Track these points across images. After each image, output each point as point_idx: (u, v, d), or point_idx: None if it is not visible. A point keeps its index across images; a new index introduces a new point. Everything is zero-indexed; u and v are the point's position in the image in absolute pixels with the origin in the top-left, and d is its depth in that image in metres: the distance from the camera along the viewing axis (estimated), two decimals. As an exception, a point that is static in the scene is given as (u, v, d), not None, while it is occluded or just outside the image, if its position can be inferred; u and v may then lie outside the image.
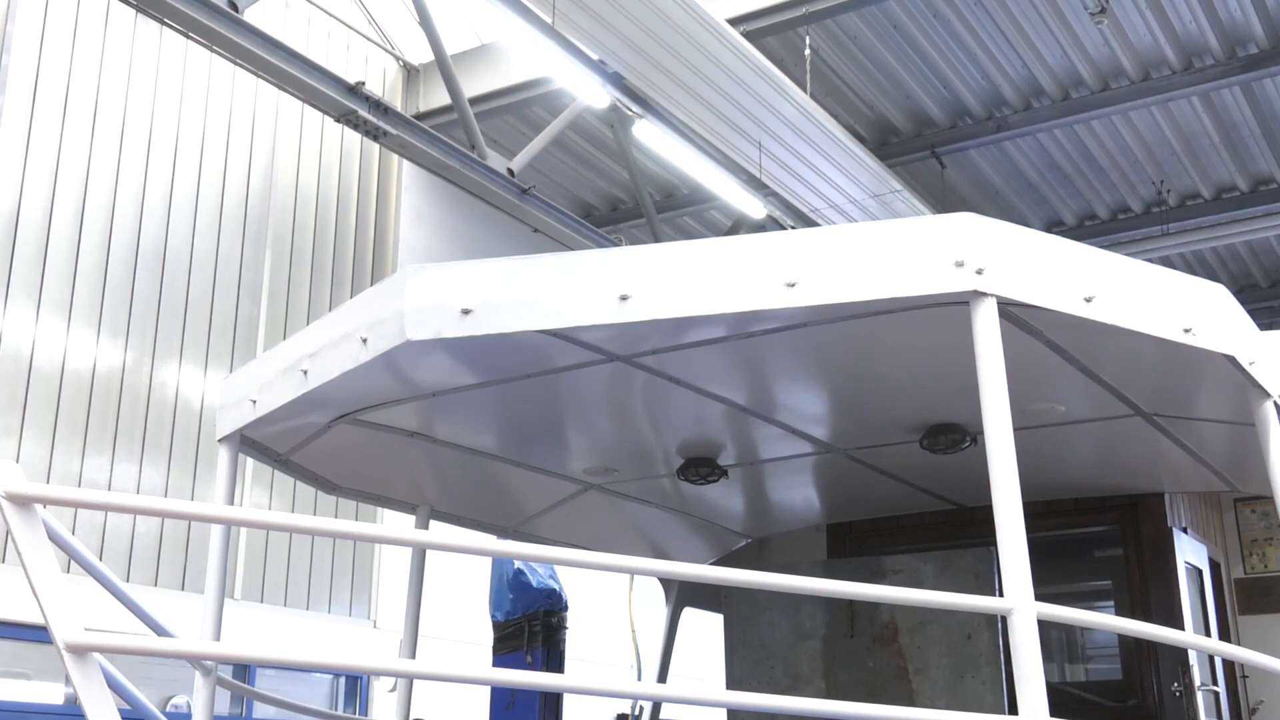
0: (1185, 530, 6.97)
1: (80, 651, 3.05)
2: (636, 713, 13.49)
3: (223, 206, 11.96)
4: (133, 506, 3.88)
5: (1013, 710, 3.44)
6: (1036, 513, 3.88)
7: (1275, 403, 4.42)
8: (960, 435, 5.70)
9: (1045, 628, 3.36)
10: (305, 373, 4.62)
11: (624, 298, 3.90)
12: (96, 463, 10.41)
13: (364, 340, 4.27)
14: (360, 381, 4.61)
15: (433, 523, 6.72)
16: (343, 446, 5.68)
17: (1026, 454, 3.76)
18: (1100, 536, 7.37)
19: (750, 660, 7.54)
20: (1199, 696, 6.54)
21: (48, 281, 10.37)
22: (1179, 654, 6.57)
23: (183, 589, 10.48)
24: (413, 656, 6.41)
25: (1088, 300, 3.82)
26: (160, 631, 4.38)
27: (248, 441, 5.36)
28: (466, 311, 4.01)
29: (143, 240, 11.16)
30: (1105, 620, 4.07)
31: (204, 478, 11.05)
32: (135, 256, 11.07)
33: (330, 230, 12.95)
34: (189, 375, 11.33)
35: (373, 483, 6.45)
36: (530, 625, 9.57)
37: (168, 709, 9.42)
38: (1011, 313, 4.03)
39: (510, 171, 12.13)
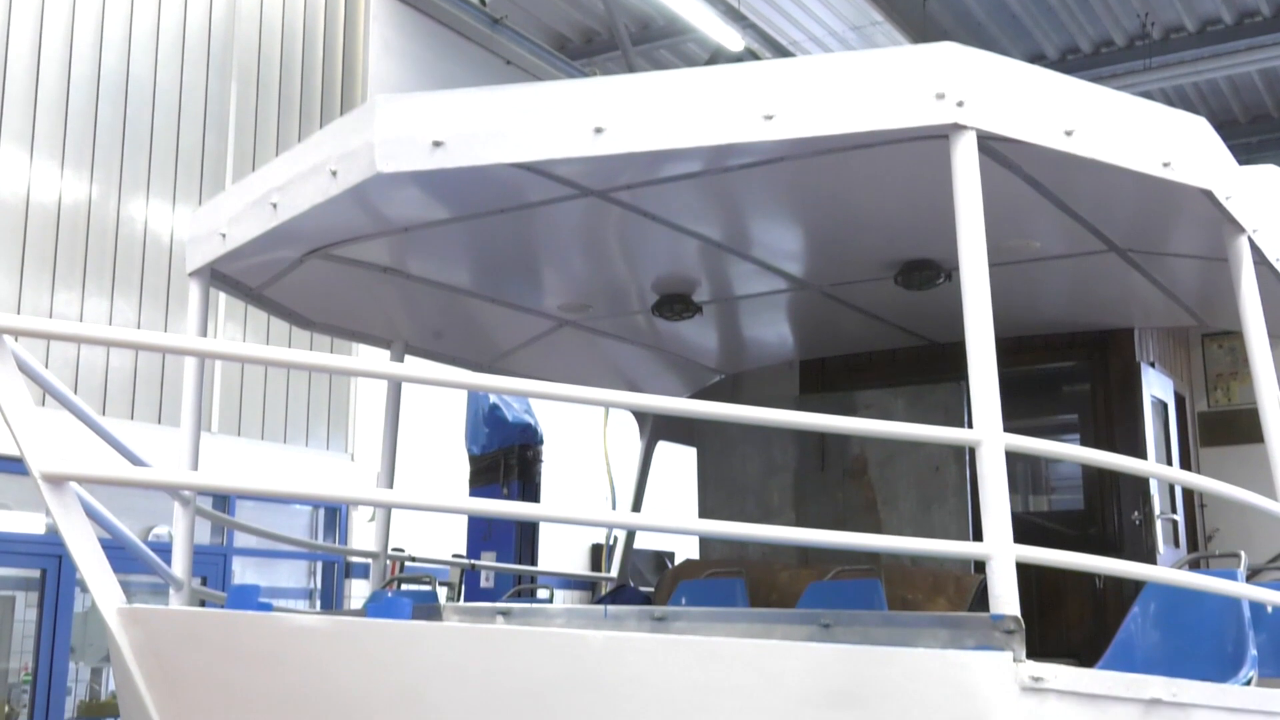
0: (1153, 365, 7.07)
1: (57, 481, 3.07)
2: (611, 544, 13.81)
3: (185, 35, 11.62)
4: (105, 339, 3.85)
5: (977, 539, 3.53)
6: (1007, 349, 3.91)
7: (1249, 238, 4.44)
8: (935, 271, 5.71)
9: (1011, 461, 3.42)
10: (274, 206, 4.56)
11: (598, 130, 3.84)
12: (66, 298, 10.33)
13: (333, 173, 4.20)
14: (331, 215, 4.56)
15: (407, 358, 6.74)
16: (315, 282, 5.64)
17: (1000, 290, 3.77)
18: (1069, 372, 7.47)
19: (722, 494, 7.69)
20: (1158, 525, 6.73)
21: (7, 112, 10.13)
22: (1140, 485, 6.74)
23: (159, 422, 10.53)
24: (390, 488, 6.51)
25: (1068, 134, 3.78)
26: (136, 462, 4.42)
27: (218, 276, 5.32)
28: (438, 144, 3.94)
29: (104, 71, 10.86)
30: (1071, 451, 4.14)
31: (176, 313, 11.00)
32: (96, 87, 10.79)
33: (297, 61, 12.63)
34: (157, 210, 11.17)
35: (347, 318, 6.44)
36: (506, 459, 9.71)
37: (149, 540, 9.57)
38: (991, 147, 3.99)
39: (482, 0, 11.79)
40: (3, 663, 9.39)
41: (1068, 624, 6.78)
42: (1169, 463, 6.97)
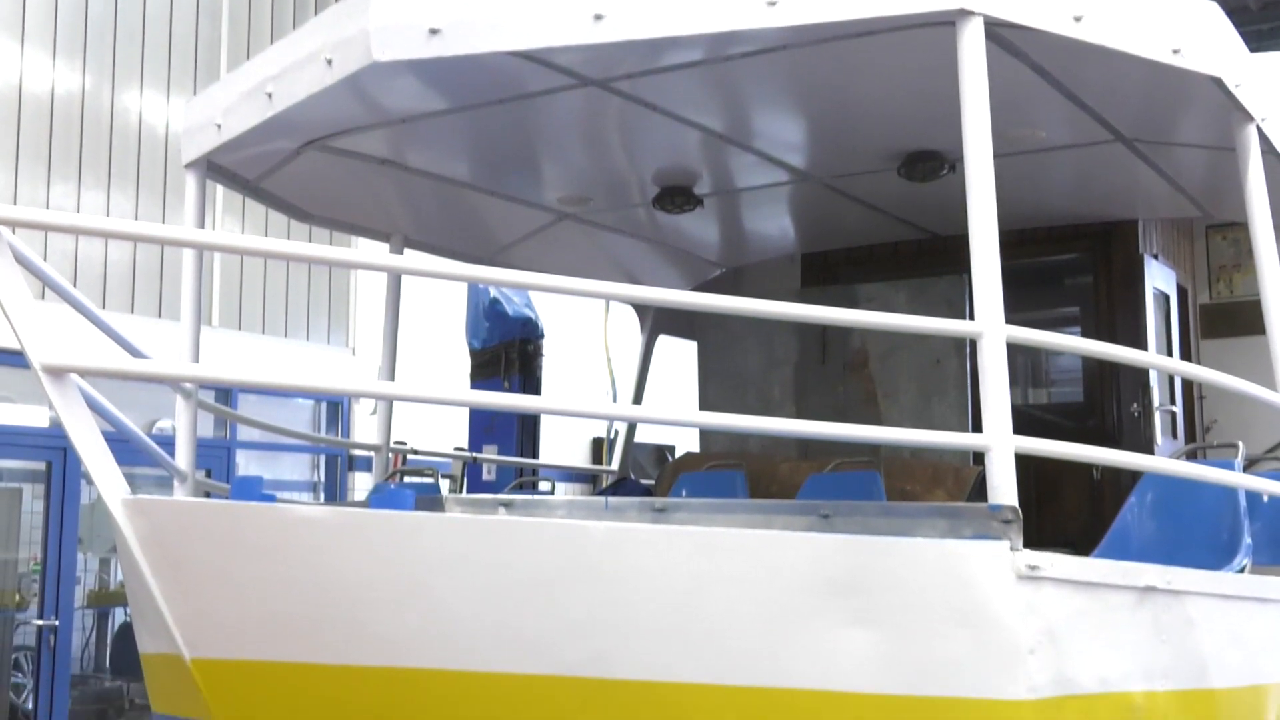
0: (1156, 256, 7.04)
1: (57, 373, 3.07)
2: (612, 437, 13.90)
3: (176, -79, 11.36)
4: (103, 230, 3.84)
5: (976, 432, 3.54)
6: (1010, 241, 3.88)
7: (1258, 127, 4.38)
8: (939, 163, 5.65)
9: (1011, 355, 3.42)
10: (270, 96, 4.49)
11: (598, 17, 3.76)
12: (63, 190, 10.25)
13: (329, 61, 4.13)
14: (327, 105, 4.50)
15: (407, 251, 6.70)
16: (313, 174, 5.59)
17: (1004, 181, 3.74)
18: (1072, 264, 7.45)
19: (723, 388, 7.72)
20: (1157, 417, 6.76)
21: (-4, 1, 9.95)
22: (1140, 377, 6.76)
23: (159, 316, 10.51)
24: (391, 380, 6.52)
25: (1077, 20, 3.71)
26: (136, 354, 4.42)
27: (215, 168, 5.26)
28: (434, 31, 3.86)
29: (93, -43, 10.64)
30: (1072, 342, 4.14)
31: (174, 206, 10.91)
32: (86, -25, 10.58)
33: (290, -53, 12.38)
34: (151, 100, 11.02)
35: (345, 211, 6.39)
36: (507, 353, 9.71)
37: (152, 433, 9.62)
38: (998, 34, 3.91)
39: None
40: (12, 553, 9.52)
41: (1065, 515, 6.85)
42: (1169, 354, 6.98)
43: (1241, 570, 4.24)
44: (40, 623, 8.31)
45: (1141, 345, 6.63)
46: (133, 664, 4.27)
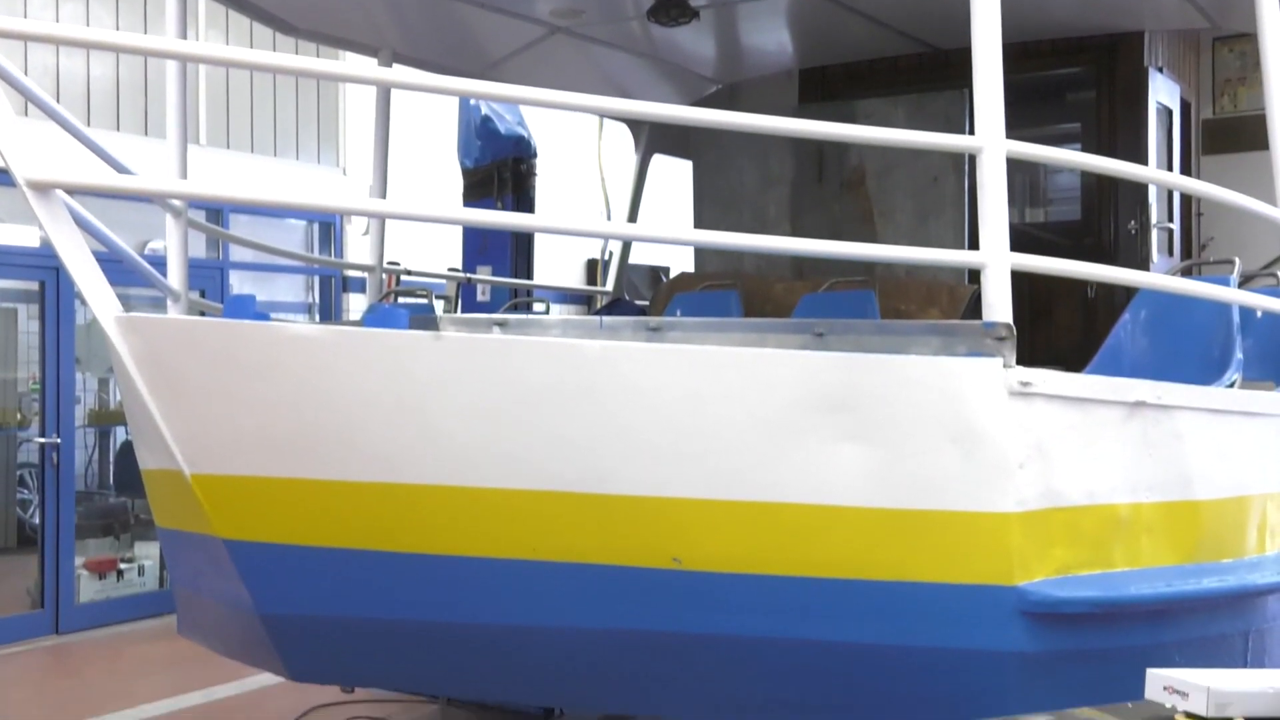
0: (1160, 70, 6.90)
1: (42, 188, 3.02)
2: (606, 257, 13.85)
3: None
4: (84, 40, 3.72)
5: (973, 249, 3.52)
6: (1013, 55, 3.78)
7: (1272, -71, 4.23)
8: (942, -29, 5.49)
9: (1009, 173, 3.37)
10: (249, -101, 4.31)
11: None
12: (41, 1, 9.97)
13: None
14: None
15: (395, 66, 6.55)
16: (297, -17, 5.42)
17: (1010, -11, 3.62)
18: (1075, 79, 7.30)
19: (719, 207, 7.65)
20: (1154, 234, 6.73)
21: None
22: (1138, 193, 6.70)
23: (145, 134, 10.33)
24: (383, 198, 6.45)
25: None
26: (123, 171, 4.35)
27: (195, -23, 5.10)
28: None
29: None
30: (1071, 157, 4.07)
31: (155, 20, 10.62)
32: None
33: None
34: (127, -91, 10.64)
35: (332, 23, 6.22)
36: (500, 172, 9.58)
37: (144, 254, 9.57)
38: None
39: None
40: (10, 373, 9.58)
41: (1058, 334, 6.88)
42: (1170, 170, 6.91)
43: (1231, 385, 4.27)
44: (42, 440, 8.41)
45: (1142, 161, 6.55)
46: (135, 482, 4.33)
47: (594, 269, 14.68)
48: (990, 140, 3.33)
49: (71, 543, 8.43)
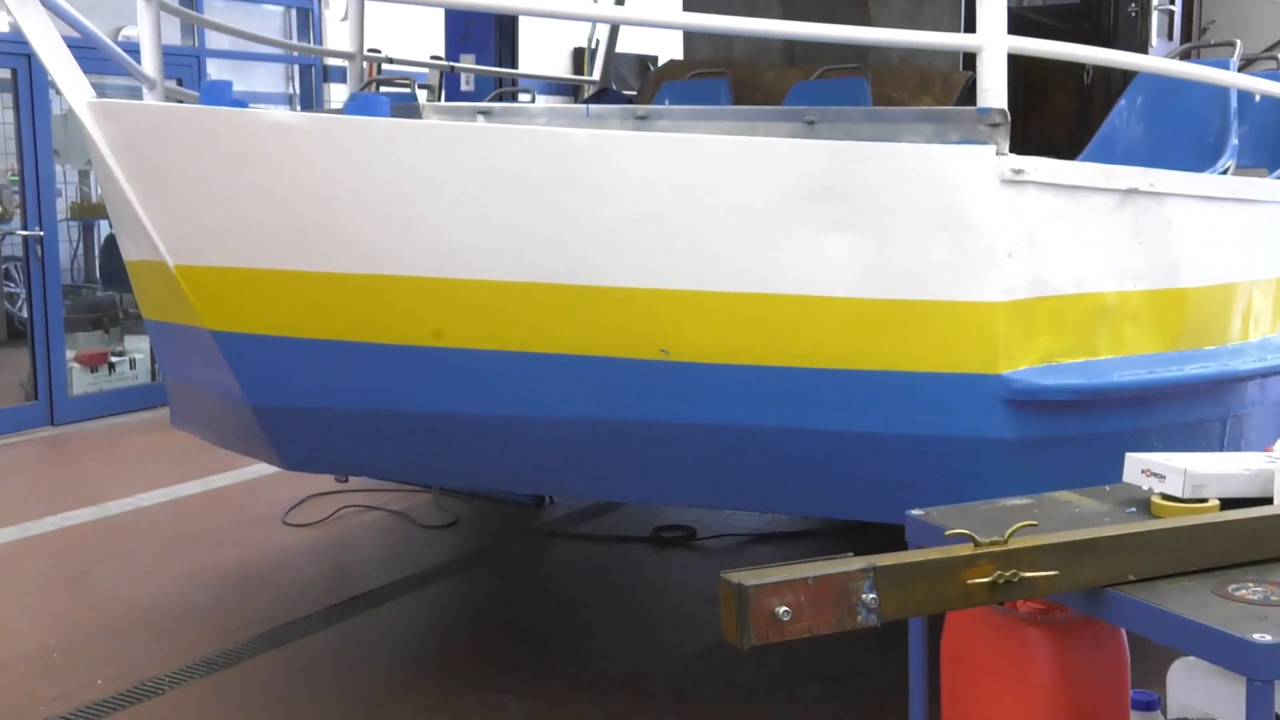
0: None
1: (3, -31, 2.90)
2: (593, 46, 13.50)
3: None
4: None
5: (970, 33, 3.42)
6: None
7: None
8: None
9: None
10: None
11: None
12: None
13: None
14: None
15: None
16: None
17: None
18: None
19: (708, -8, 7.42)
20: (1154, 17, 6.55)
21: None
22: (1142, -24, 6.50)
23: (112, -85, 9.92)
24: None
25: None
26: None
27: None
28: None
29: None
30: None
31: None
32: None
33: None
34: None
35: None
36: (482, -46, 9.23)
37: (119, 40, 9.29)
38: None
39: None
40: (-13, 165, 9.45)
41: (1052, 122, 6.78)
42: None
43: (1225, 172, 4.22)
44: (25, 233, 8.33)
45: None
46: (121, 275, 4.31)
47: (581, 58, 14.35)
48: (990, -83, 3.20)
49: (61, 335, 8.45)
